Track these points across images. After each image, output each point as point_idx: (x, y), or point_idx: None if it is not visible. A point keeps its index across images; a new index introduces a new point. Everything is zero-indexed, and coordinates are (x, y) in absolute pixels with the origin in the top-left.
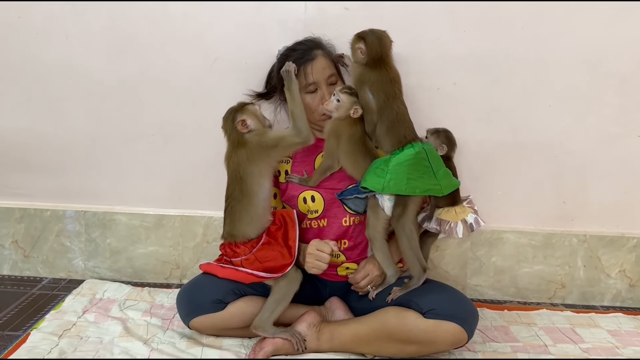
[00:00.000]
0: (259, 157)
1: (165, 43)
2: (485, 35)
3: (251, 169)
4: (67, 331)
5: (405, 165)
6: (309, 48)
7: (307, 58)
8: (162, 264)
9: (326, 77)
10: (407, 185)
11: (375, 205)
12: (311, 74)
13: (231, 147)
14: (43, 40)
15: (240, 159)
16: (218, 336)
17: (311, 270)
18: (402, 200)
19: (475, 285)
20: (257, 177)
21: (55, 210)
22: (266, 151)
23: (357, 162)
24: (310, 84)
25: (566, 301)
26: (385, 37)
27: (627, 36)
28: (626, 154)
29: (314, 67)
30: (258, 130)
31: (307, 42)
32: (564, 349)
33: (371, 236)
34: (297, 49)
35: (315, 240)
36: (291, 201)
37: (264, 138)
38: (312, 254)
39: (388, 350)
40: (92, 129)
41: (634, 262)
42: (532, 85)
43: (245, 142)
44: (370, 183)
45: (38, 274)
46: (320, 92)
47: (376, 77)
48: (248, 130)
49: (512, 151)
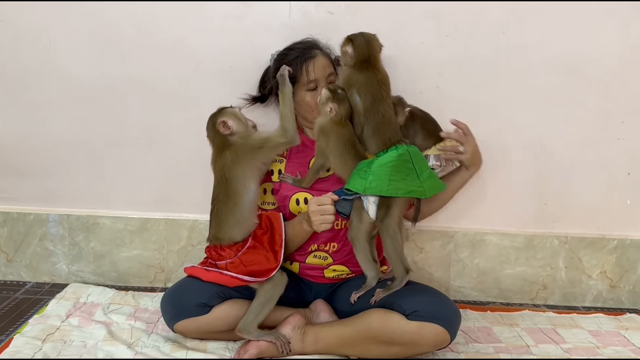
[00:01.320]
0: (244, 159)
1: (149, 47)
2: (467, 39)
3: (236, 171)
4: (50, 335)
5: (388, 166)
6: (308, 47)
7: (308, 56)
8: (147, 267)
9: (326, 75)
10: (389, 187)
11: (359, 207)
12: (312, 72)
13: (216, 151)
14: (26, 44)
15: (225, 162)
16: (203, 339)
17: (321, 227)
18: (385, 202)
19: (459, 287)
20: (242, 179)
21: (38, 214)
22: (251, 153)
23: (346, 163)
24: (311, 82)
25: (548, 302)
26: (374, 40)
27: (607, 41)
28: (607, 157)
29: (315, 65)
30: (241, 132)
31: (306, 41)
32: (545, 350)
33: (353, 238)
34: (296, 48)
35: (313, 198)
36: (284, 201)
37: (249, 140)
38: (316, 211)
39: (372, 352)
40: (76, 132)
41: (614, 263)
42: (513, 89)
43: (230, 145)
44: (353, 184)
45: (21, 278)
46: (320, 90)
47: (363, 79)
48: (230, 132)
49: (494, 154)
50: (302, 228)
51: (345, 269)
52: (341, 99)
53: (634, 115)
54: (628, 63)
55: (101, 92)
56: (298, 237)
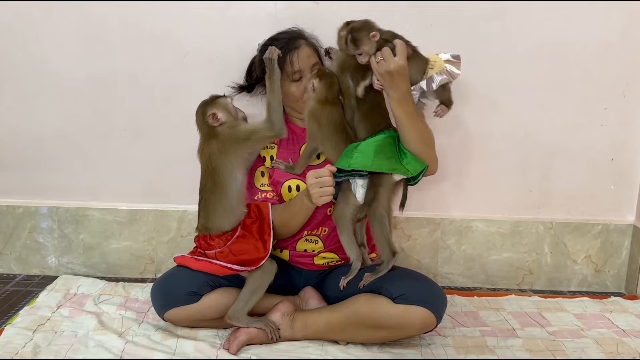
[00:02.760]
0: (231, 149)
1: (135, 38)
2: (451, 28)
3: (223, 161)
4: (41, 326)
5: (373, 144)
6: (292, 37)
7: (292, 47)
8: (137, 258)
9: (310, 66)
10: (374, 163)
11: (347, 189)
12: (297, 62)
13: (203, 140)
14: (12, 37)
15: (212, 151)
16: (193, 327)
17: (321, 200)
18: (373, 185)
19: (446, 273)
20: (229, 168)
21: (27, 207)
22: (238, 144)
23: (337, 147)
24: (295, 72)
25: (534, 287)
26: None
27: (588, 29)
28: (590, 143)
29: (299, 56)
30: (230, 123)
31: (290, 31)
32: (531, 332)
33: (337, 219)
34: (280, 38)
35: (310, 171)
36: (276, 187)
37: (236, 131)
38: (314, 184)
39: (360, 337)
40: (63, 125)
41: (599, 247)
42: (497, 76)
43: (217, 134)
44: (339, 163)
45: (11, 271)
46: (304, 81)
47: (357, 64)
48: (220, 124)
49: (479, 142)
50: (303, 204)
51: (335, 256)
52: (323, 76)
53: (616, 101)
54: (609, 49)
55: (88, 85)
56: (300, 215)
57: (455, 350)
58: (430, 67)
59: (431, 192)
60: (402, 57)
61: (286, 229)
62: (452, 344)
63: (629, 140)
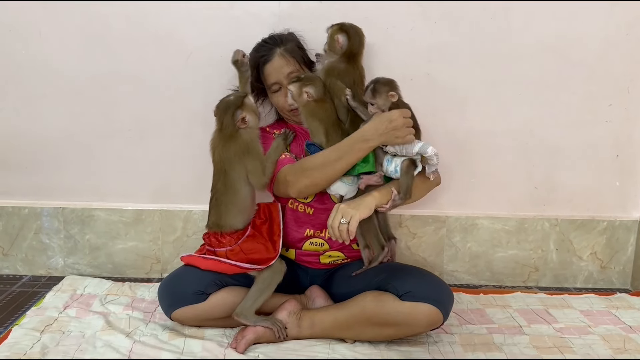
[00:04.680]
0: (243, 158)
1: (139, 38)
2: (456, 26)
3: (235, 165)
4: (48, 326)
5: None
6: (268, 49)
7: (265, 60)
8: (142, 258)
9: (286, 75)
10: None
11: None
12: (270, 75)
13: (220, 138)
14: (16, 38)
15: (225, 154)
16: (200, 327)
17: (407, 138)
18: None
19: (452, 270)
20: (241, 172)
21: (33, 208)
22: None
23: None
24: (272, 84)
25: (540, 284)
26: (363, 35)
27: (592, 26)
28: (594, 140)
29: (273, 67)
30: (253, 125)
31: (269, 40)
32: (537, 329)
33: None
34: (259, 50)
35: (396, 111)
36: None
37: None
38: (404, 124)
39: (367, 334)
40: (68, 125)
41: (604, 244)
42: (501, 74)
43: (237, 137)
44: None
45: (17, 272)
46: (284, 90)
47: (344, 69)
48: (245, 127)
49: (484, 139)
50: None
51: (341, 254)
52: (309, 80)
53: (621, 98)
54: (614, 46)
55: (92, 85)
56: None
57: (463, 347)
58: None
59: (436, 190)
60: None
61: (330, 170)
62: (459, 342)
63: (634, 137)
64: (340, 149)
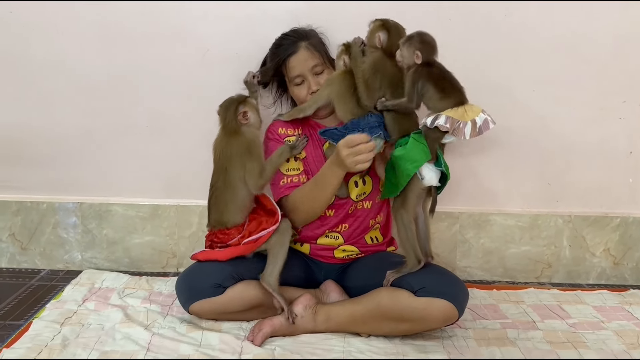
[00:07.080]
0: (245, 154)
1: (156, 35)
2: (469, 22)
3: (235, 163)
4: (68, 319)
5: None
6: (292, 42)
7: (289, 52)
8: (159, 253)
9: (310, 68)
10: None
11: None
12: (294, 67)
13: (223, 135)
14: (35, 35)
15: (227, 151)
16: (217, 320)
17: (357, 167)
18: (402, 190)
19: (465, 266)
20: (240, 171)
21: (51, 203)
22: (251, 152)
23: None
24: (295, 77)
25: (553, 280)
26: (404, 35)
27: (606, 23)
28: (607, 136)
29: (298, 60)
30: (255, 124)
31: (292, 34)
32: (551, 325)
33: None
34: (283, 43)
35: (341, 142)
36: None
37: (256, 140)
38: (350, 154)
39: (382, 329)
40: (85, 121)
41: (617, 240)
42: (515, 70)
43: (240, 134)
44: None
45: (36, 266)
46: (307, 83)
47: (391, 70)
48: (247, 123)
49: (497, 135)
50: (334, 174)
51: (355, 249)
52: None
53: (634, 94)
54: (627, 42)
55: (109, 81)
56: (331, 186)
57: (477, 342)
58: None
59: (449, 186)
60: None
61: (318, 204)
62: (473, 336)
63: None
64: (319, 182)
